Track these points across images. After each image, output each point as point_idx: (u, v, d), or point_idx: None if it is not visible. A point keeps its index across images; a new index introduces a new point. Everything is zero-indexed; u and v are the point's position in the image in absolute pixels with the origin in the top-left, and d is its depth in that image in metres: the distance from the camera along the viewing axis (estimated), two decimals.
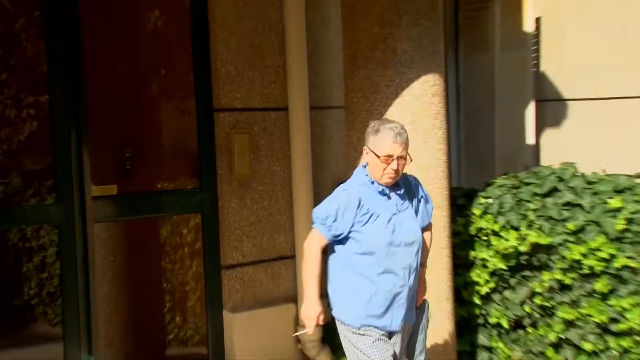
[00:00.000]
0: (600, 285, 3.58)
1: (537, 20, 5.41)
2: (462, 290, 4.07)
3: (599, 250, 3.55)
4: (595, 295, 3.68)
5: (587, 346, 3.72)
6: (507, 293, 3.98)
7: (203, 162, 3.96)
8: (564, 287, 3.76)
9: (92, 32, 3.65)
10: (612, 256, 3.56)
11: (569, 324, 3.75)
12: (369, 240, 2.74)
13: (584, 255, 3.62)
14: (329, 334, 3.98)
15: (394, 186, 2.85)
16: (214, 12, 3.92)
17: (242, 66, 4.01)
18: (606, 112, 5.30)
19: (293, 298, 4.06)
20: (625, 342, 3.66)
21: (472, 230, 4.05)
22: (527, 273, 3.88)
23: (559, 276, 3.74)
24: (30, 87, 3.67)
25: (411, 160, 2.90)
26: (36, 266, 3.71)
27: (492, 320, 3.99)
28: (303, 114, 4.11)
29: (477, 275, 4.03)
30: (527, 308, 3.90)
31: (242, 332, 3.96)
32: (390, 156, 2.72)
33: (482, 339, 4.16)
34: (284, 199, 4.19)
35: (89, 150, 3.56)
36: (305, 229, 3.89)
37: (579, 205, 3.65)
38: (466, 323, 4.10)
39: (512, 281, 3.91)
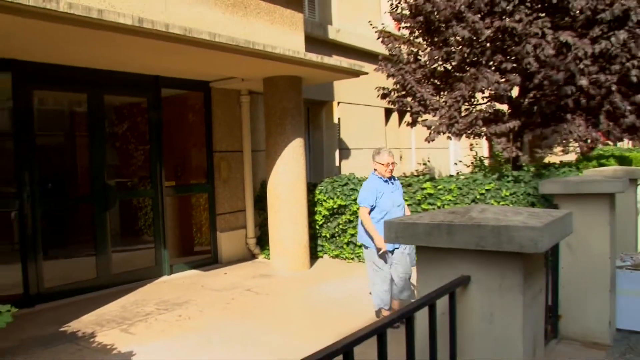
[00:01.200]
0: None
1: (339, 118, 10.89)
2: (311, 223, 8.48)
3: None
4: None
5: (358, 244, 8.14)
6: (328, 223, 8.60)
7: (209, 172, 8.49)
8: (350, 222, 8.44)
9: (165, 123, 7.91)
10: None
11: (351, 236, 8.39)
12: (383, 205, 5.34)
13: (359, 209, 8.57)
14: (261, 237, 8.81)
15: (390, 179, 5.44)
16: (214, 112, 8.53)
17: (224, 134, 8.62)
18: (364, 153, 10.89)
19: (244, 227, 8.85)
20: None
21: (315, 199, 8.59)
22: (336, 215, 8.46)
23: (348, 217, 8.40)
24: (141, 143, 7.94)
25: (396, 164, 7.06)
26: (144, 212, 7.97)
27: (323, 234, 8.61)
28: (248, 153, 8.84)
29: (317, 217, 8.61)
30: (336, 229, 8.50)
31: (224, 241, 8.59)
32: (388, 163, 5.40)
33: (319, 242, 8.72)
34: (241, 187, 8.84)
35: (164, 168, 7.84)
36: (249, 199, 8.93)
37: (356, 189, 8.52)
38: (313, 236, 8.56)
39: (331, 219, 8.51)
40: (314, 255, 8.61)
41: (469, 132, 8.26)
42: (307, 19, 10.20)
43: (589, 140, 7.81)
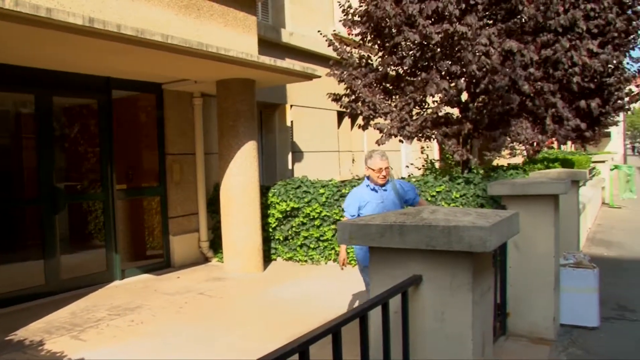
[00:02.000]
0: (317, 222, 8.30)
1: (292, 121, 10.95)
2: (265, 225, 8.48)
3: (315, 210, 8.37)
4: (314, 225, 8.35)
5: (312, 246, 8.39)
6: (282, 226, 8.59)
7: (161, 175, 8.39)
8: (303, 224, 8.47)
9: (117, 126, 7.78)
10: (320, 212, 8.35)
11: (305, 238, 8.51)
12: (366, 214, 4.35)
13: (311, 211, 8.37)
14: (214, 241, 8.77)
15: (381, 186, 4.76)
16: (166, 114, 8.44)
17: (177, 137, 8.54)
18: (317, 156, 11.00)
19: (197, 230, 8.78)
20: (326, 244, 8.37)
21: (268, 202, 8.57)
22: (289, 218, 8.47)
23: (301, 219, 8.42)
24: (91, 146, 7.72)
25: (392, 169, 4.95)
26: (94, 216, 7.76)
27: (277, 236, 8.59)
28: (201, 156, 8.78)
29: (270, 219, 8.57)
30: (289, 232, 8.50)
31: (176, 244, 8.49)
32: (381, 169, 4.67)
33: (273, 245, 8.68)
34: (193, 190, 8.76)
35: (115, 171, 7.71)
36: (202, 202, 8.87)
37: (309, 192, 8.45)
38: (266, 239, 8.54)
39: (284, 221, 8.51)
40: (267, 258, 8.61)
41: (420, 135, 8.40)
42: (261, 22, 10.19)
43: (535, 144, 8.08)
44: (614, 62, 8.77)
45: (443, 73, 8.15)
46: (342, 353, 1.63)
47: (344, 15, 8.98)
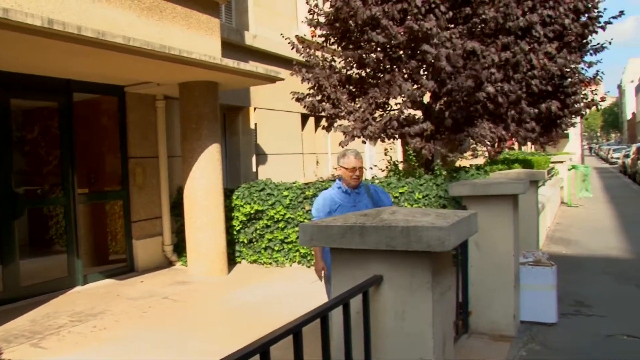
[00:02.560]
0: (281, 225, 8.29)
1: (255, 123, 10.95)
2: (229, 228, 8.43)
3: (279, 212, 8.33)
4: (278, 227, 8.33)
5: (277, 249, 8.38)
6: (246, 229, 8.55)
7: (124, 178, 8.27)
8: (267, 227, 8.45)
9: (78, 129, 7.65)
10: (285, 214, 8.33)
11: (269, 240, 8.48)
12: None
13: (275, 214, 8.32)
14: (178, 244, 8.67)
15: (354, 188, 4.37)
16: (129, 117, 8.32)
17: (139, 140, 8.42)
18: (281, 158, 11.03)
19: (161, 233, 8.67)
20: (291, 246, 8.40)
21: (232, 205, 8.53)
22: (254, 221, 8.45)
23: (265, 222, 8.40)
24: (52, 149, 7.54)
25: (364, 170, 4.63)
26: (55, 221, 7.61)
27: (241, 239, 8.57)
28: (164, 159, 8.68)
29: (234, 222, 8.54)
30: (254, 234, 8.48)
31: (140, 249, 8.38)
32: (355, 168, 4.30)
33: (237, 248, 8.65)
34: (157, 194, 8.66)
35: (77, 174, 7.56)
36: (166, 205, 8.78)
37: (273, 194, 8.43)
38: (230, 242, 8.49)
39: (248, 224, 8.49)
40: (232, 261, 8.57)
41: (382, 135, 8.48)
42: (224, 24, 10.16)
43: (496, 145, 8.24)
44: (572, 66, 9.03)
45: (406, 75, 8.26)
46: (303, 353, 1.66)
47: (310, 15, 9.01)
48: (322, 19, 8.79)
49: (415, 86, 7.90)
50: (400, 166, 13.28)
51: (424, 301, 2.23)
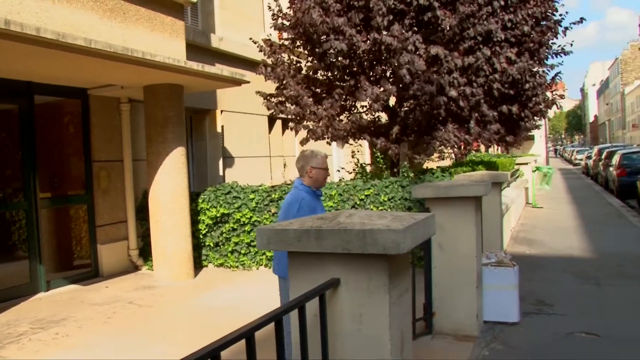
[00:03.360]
0: (248, 228, 8.31)
1: (222, 126, 10.91)
2: (195, 232, 8.40)
3: (245, 215, 8.35)
4: (245, 230, 8.34)
5: (243, 252, 8.36)
6: (212, 232, 8.52)
7: (88, 182, 8.16)
8: (234, 230, 8.43)
9: (40, 132, 7.52)
10: (251, 217, 8.32)
11: (235, 244, 8.47)
12: None
13: (241, 217, 8.32)
14: (144, 248, 8.59)
15: (319, 190, 4.27)
16: (92, 120, 8.21)
17: (104, 143, 8.31)
18: (248, 161, 11.01)
19: (126, 238, 8.56)
20: (257, 249, 8.26)
21: (198, 208, 8.47)
22: (220, 224, 8.41)
23: (231, 225, 8.37)
24: (12, 153, 7.39)
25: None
26: (17, 226, 7.45)
27: (207, 243, 8.53)
28: (129, 162, 8.58)
29: (201, 226, 8.50)
30: (220, 238, 8.44)
31: (105, 253, 8.27)
32: (326, 168, 4.25)
33: (204, 252, 8.62)
34: (122, 198, 8.56)
35: (39, 178, 7.44)
36: (131, 209, 8.67)
37: (239, 197, 8.41)
38: (197, 245, 8.46)
39: (215, 227, 8.45)
40: (198, 265, 8.51)
41: (348, 136, 8.53)
42: (190, 27, 10.10)
43: (462, 147, 8.34)
44: (533, 69, 9.22)
45: (372, 79, 8.32)
46: (256, 357, 1.66)
47: (274, 20, 9.02)
48: (286, 22, 8.80)
49: (382, 89, 7.96)
50: (368, 168, 13.37)
51: (381, 304, 2.24)
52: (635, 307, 5.85)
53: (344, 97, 8.23)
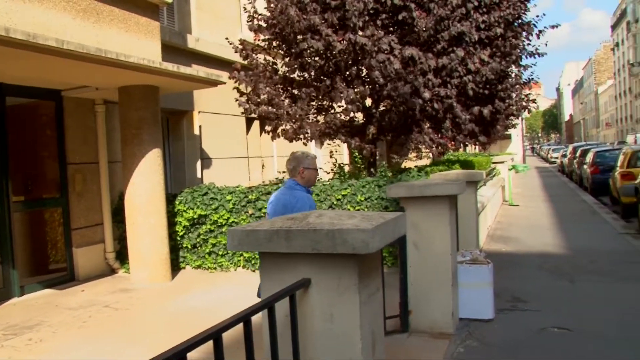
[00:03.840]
0: (225, 229, 8.36)
1: (200, 126, 10.86)
2: (172, 234, 8.33)
3: (223, 216, 8.33)
4: (222, 232, 8.29)
5: (221, 253, 8.33)
6: (189, 234, 8.50)
7: (62, 185, 8.06)
8: (211, 231, 8.41)
9: (12, 134, 7.43)
10: (228, 218, 8.31)
11: (213, 245, 8.45)
12: None
13: (218, 218, 8.29)
14: (121, 251, 8.50)
15: (309, 189, 4.44)
16: (66, 122, 8.11)
17: (78, 146, 8.23)
18: (226, 162, 10.99)
19: (103, 241, 8.48)
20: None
21: (175, 210, 8.43)
22: (197, 226, 8.38)
23: (208, 226, 8.34)
24: None
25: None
26: None
27: (185, 244, 8.47)
28: (105, 165, 8.51)
29: (178, 227, 8.46)
30: (198, 239, 8.41)
31: (81, 257, 8.19)
32: (317, 168, 4.46)
33: (181, 254, 8.57)
34: (98, 200, 8.48)
35: (12, 182, 7.33)
36: (107, 212, 8.60)
37: (216, 198, 8.38)
38: (174, 247, 8.40)
39: (192, 229, 8.41)
40: (175, 267, 8.47)
41: (322, 135, 8.55)
42: (166, 27, 10.04)
43: (434, 147, 8.42)
44: (507, 70, 9.34)
45: (348, 80, 8.35)
46: (224, 358, 1.66)
47: (249, 21, 9.01)
48: (262, 23, 8.80)
49: (356, 90, 8.00)
50: (347, 168, 13.40)
51: (351, 303, 2.26)
52: (606, 302, 5.95)
53: (320, 97, 8.25)
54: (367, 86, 7.93)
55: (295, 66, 8.56)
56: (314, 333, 2.31)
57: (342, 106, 8.76)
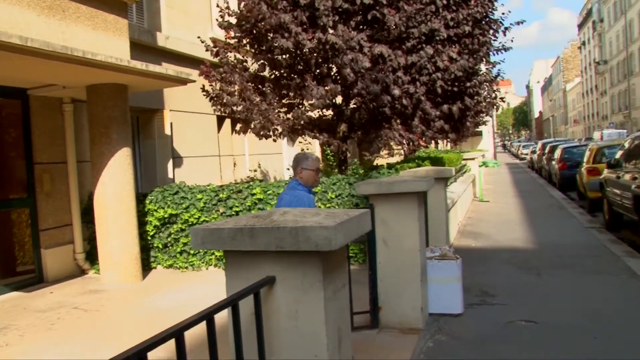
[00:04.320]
0: None
1: (171, 124, 10.79)
2: (143, 234, 8.27)
3: (194, 215, 8.26)
4: None
5: (192, 253, 8.25)
6: (160, 233, 8.40)
7: (30, 186, 7.93)
8: (182, 230, 8.34)
9: None
10: (199, 217, 8.23)
11: (184, 244, 8.37)
12: None
13: (189, 217, 8.22)
14: (91, 252, 8.39)
15: (311, 189, 4.66)
16: (33, 122, 7.97)
17: (46, 145, 8.10)
18: (198, 161, 10.95)
19: (72, 241, 8.36)
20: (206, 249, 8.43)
21: (145, 209, 8.35)
22: (168, 225, 8.31)
23: (180, 226, 8.29)
24: None
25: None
26: None
27: (155, 244, 8.40)
28: (73, 164, 8.39)
29: (148, 227, 8.39)
30: (169, 239, 8.34)
31: (49, 258, 8.06)
32: (316, 169, 4.62)
33: (152, 253, 8.49)
34: (66, 200, 8.35)
35: None
36: (76, 212, 8.49)
37: (187, 197, 8.32)
38: (145, 247, 8.34)
39: (162, 228, 8.34)
40: (147, 267, 8.40)
41: (290, 132, 8.57)
42: (135, 25, 9.94)
43: (405, 144, 8.49)
44: (475, 67, 9.48)
45: (318, 78, 8.37)
46: (186, 357, 1.67)
47: (221, 18, 8.97)
48: (233, 21, 8.77)
49: (327, 88, 8.02)
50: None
51: (316, 300, 2.29)
52: (571, 295, 6.08)
53: (291, 95, 8.25)
54: (338, 84, 7.95)
55: (265, 64, 8.55)
56: (279, 331, 2.33)
57: (313, 103, 8.78)
